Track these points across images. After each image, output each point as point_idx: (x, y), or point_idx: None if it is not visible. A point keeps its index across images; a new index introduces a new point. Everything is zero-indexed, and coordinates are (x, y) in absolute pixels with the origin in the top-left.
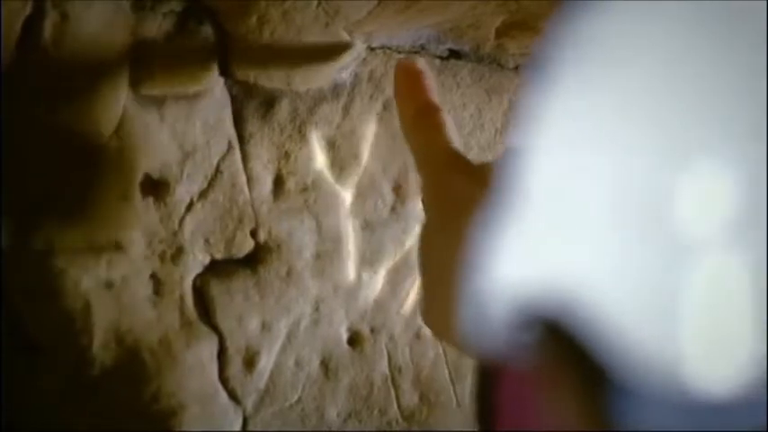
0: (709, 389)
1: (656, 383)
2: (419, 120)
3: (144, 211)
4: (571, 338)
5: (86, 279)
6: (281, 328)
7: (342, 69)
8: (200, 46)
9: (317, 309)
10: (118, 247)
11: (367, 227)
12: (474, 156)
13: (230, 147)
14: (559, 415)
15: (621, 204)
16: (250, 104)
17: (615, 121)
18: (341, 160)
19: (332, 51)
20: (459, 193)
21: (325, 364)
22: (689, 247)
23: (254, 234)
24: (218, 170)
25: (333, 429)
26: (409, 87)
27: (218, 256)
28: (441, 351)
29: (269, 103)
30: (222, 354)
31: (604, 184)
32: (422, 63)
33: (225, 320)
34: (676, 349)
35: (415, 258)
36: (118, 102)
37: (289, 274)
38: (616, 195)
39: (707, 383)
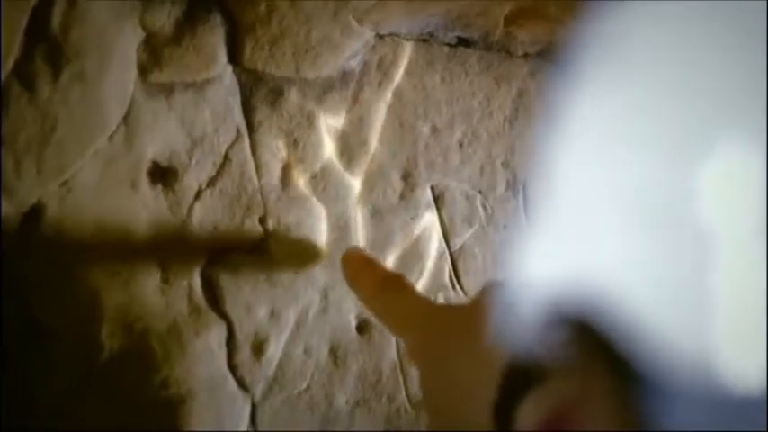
0: (741, 384)
1: (687, 380)
2: (384, 292)
3: (152, 199)
4: (600, 337)
5: (95, 267)
6: (290, 315)
7: (350, 57)
8: (208, 34)
9: (325, 296)
10: (126, 234)
11: (375, 214)
12: (483, 144)
13: (239, 134)
14: (591, 415)
15: (647, 200)
16: (259, 92)
17: (637, 116)
18: (349, 148)
19: (340, 39)
20: (455, 341)
21: (333, 352)
22: (716, 240)
23: (262, 222)
24: (226, 158)
25: (341, 417)
26: (362, 269)
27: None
28: None
29: (277, 91)
30: (231, 341)
31: (629, 180)
32: (366, 252)
33: (233, 308)
34: (707, 345)
35: (423, 245)
36: (126, 89)
37: None
38: (641, 191)
39: (738, 379)
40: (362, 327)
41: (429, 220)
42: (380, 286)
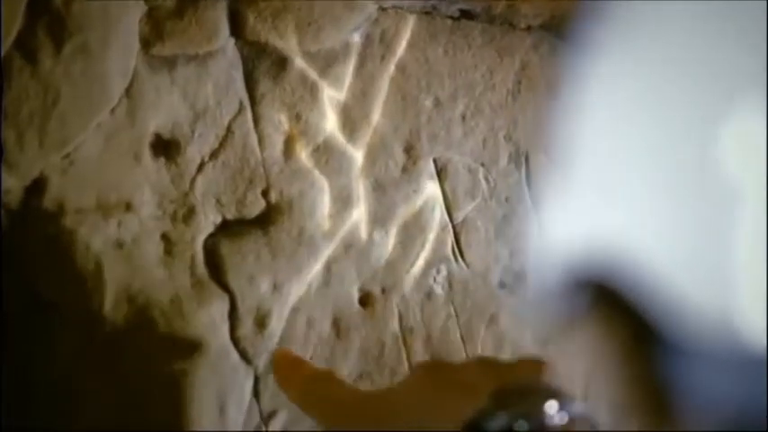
0: (763, 343)
1: (709, 339)
2: (314, 388)
3: (154, 172)
4: (622, 298)
5: (97, 239)
6: (293, 288)
7: (353, 30)
8: (211, 7)
9: (328, 269)
10: (128, 207)
11: (378, 187)
12: (486, 117)
13: (241, 107)
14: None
15: (667, 162)
16: (261, 65)
17: (654, 81)
18: (352, 121)
19: (343, 12)
20: (403, 414)
21: (336, 325)
22: (738, 199)
23: (265, 194)
24: (229, 130)
25: None
26: (291, 369)
27: (230, 216)
28: (452, 311)
29: (280, 63)
30: (233, 314)
31: (649, 143)
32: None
33: (236, 281)
34: (729, 304)
35: (425, 218)
36: (128, 62)
37: (300, 234)
38: (662, 154)
39: (760, 338)
40: (365, 299)
41: (431, 193)
42: (310, 383)
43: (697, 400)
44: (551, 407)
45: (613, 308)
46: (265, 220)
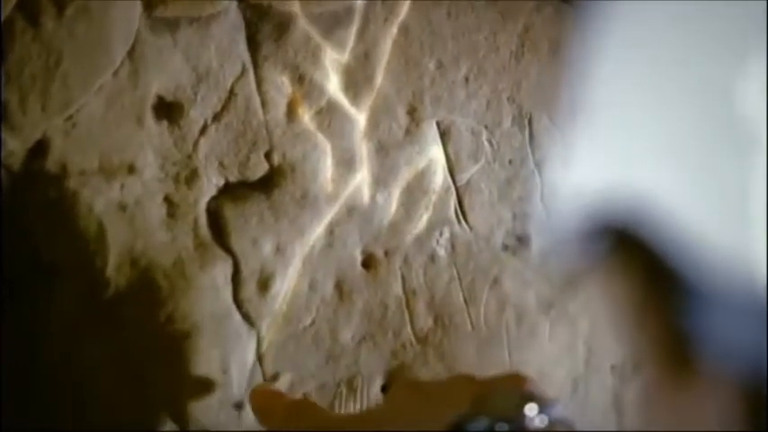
0: None
1: (728, 287)
2: (295, 417)
3: (157, 134)
4: (642, 245)
5: (100, 202)
6: (295, 250)
7: None
8: None
9: (331, 232)
10: (131, 169)
11: (381, 149)
12: (489, 79)
13: (244, 69)
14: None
15: (683, 111)
16: (264, 27)
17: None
18: (355, 83)
19: None
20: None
21: (339, 287)
22: (758, 146)
23: (268, 157)
24: (231, 93)
25: (346, 352)
26: (269, 401)
27: (232, 178)
28: (455, 273)
29: (283, 26)
30: (236, 276)
31: (664, 95)
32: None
33: (239, 243)
34: (748, 251)
35: (428, 180)
36: (131, 24)
37: (303, 196)
38: (677, 104)
39: None
40: (368, 262)
41: (434, 156)
42: (290, 412)
43: (716, 348)
44: (531, 409)
45: (630, 255)
46: (268, 182)
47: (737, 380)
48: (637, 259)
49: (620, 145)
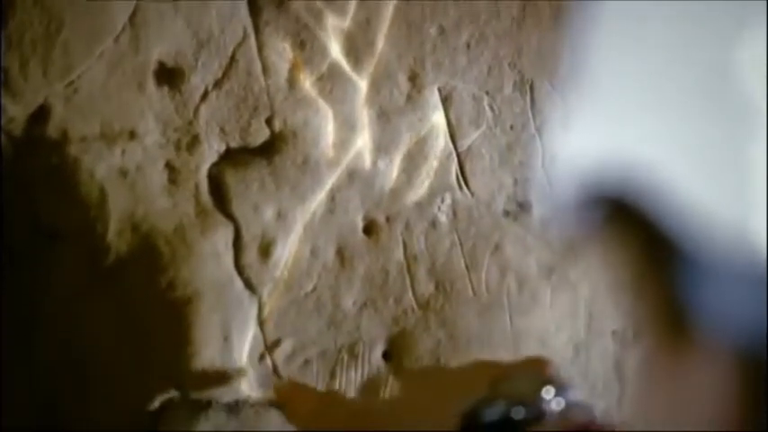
0: None
1: (726, 255)
2: (323, 409)
3: (158, 100)
4: (640, 214)
5: (101, 167)
6: (297, 216)
7: None
8: None
9: (332, 198)
10: (132, 135)
11: (382, 115)
12: (490, 45)
13: (245, 35)
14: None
15: (682, 77)
16: None
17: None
18: (356, 49)
19: None
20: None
21: (340, 253)
22: (754, 111)
23: (269, 123)
24: (233, 59)
25: (348, 318)
26: (295, 395)
27: (234, 144)
28: (456, 239)
29: None
30: (238, 242)
31: (667, 61)
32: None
33: (240, 209)
34: (748, 220)
35: (429, 146)
36: None
37: (304, 162)
38: (676, 70)
39: None
40: (369, 228)
41: (436, 122)
42: (318, 407)
43: (714, 317)
44: (548, 393)
45: (628, 225)
46: (269, 148)
47: (736, 349)
48: (634, 229)
49: (619, 114)
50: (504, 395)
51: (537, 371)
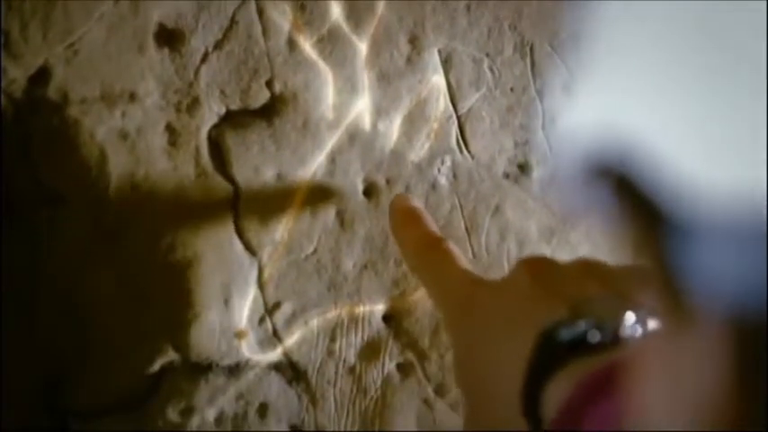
0: None
1: (735, 228)
2: (426, 254)
3: (158, 62)
4: (644, 188)
5: (101, 129)
6: (297, 179)
7: None
8: None
9: (332, 160)
10: (132, 97)
11: (383, 77)
12: (490, 7)
13: None
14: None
15: (686, 45)
16: None
17: None
18: (356, 11)
19: None
20: (496, 311)
21: (340, 216)
22: (756, 84)
23: (269, 85)
24: (233, 21)
25: (348, 280)
26: (407, 224)
27: (234, 107)
28: (456, 202)
29: None
30: (238, 204)
31: (668, 26)
32: (414, 201)
33: (240, 171)
34: (749, 191)
35: (430, 109)
36: None
37: (305, 125)
38: (680, 36)
39: None
40: (369, 190)
41: (436, 84)
42: (425, 246)
43: (716, 287)
44: (629, 319)
45: (627, 194)
46: (270, 110)
47: (736, 316)
48: (633, 198)
49: (622, 82)
50: (585, 315)
51: (631, 289)
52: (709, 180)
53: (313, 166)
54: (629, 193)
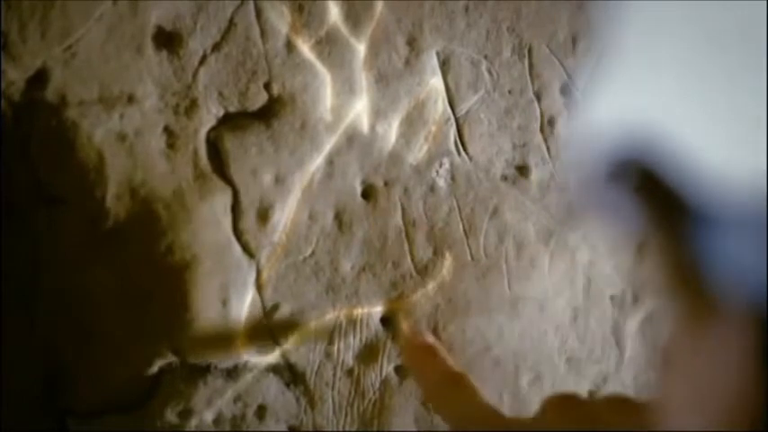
0: None
1: (744, 216)
2: (449, 392)
3: (157, 64)
4: (655, 176)
5: (99, 132)
6: (295, 181)
7: None
8: None
9: (330, 162)
10: (131, 99)
11: (381, 79)
12: (488, 8)
13: None
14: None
15: (705, 40)
16: None
17: None
18: (355, 12)
19: None
20: None
21: (338, 218)
22: None
23: (267, 87)
24: (231, 22)
25: (346, 282)
26: (425, 360)
27: (232, 108)
28: (455, 204)
29: None
30: (236, 207)
31: (687, 23)
32: (429, 337)
33: (239, 173)
34: (764, 180)
35: (428, 111)
36: None
37: (303, 127)
38: (700, 31)
39: None
40: (368, 192)
41: (434, 86)
42: (447, 383)
43: (733, 278)
44: None
45: (644, 186)
46: (268, 112)
47: (757, 308)
48: (651, 190)
49: (642, 78)
50: None
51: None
52: (732, 173)
53: (311, 168)
54: (654, 187)
